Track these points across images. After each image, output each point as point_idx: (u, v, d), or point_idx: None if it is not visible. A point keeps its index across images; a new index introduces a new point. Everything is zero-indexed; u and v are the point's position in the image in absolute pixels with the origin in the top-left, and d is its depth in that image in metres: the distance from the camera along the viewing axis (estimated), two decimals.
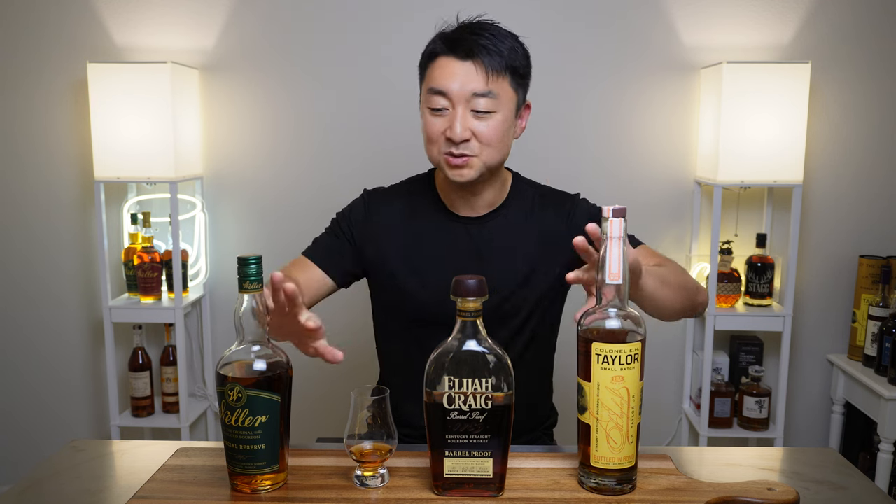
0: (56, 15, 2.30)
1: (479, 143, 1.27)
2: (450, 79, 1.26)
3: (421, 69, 1.34)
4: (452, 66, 1.26)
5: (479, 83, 1.25)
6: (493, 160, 1.30)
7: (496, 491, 0.98)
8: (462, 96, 1.25)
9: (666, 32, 2.28)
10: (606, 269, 0.97)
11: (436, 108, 1.28)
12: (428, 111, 1.29)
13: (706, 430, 2.22)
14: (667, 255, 1.31)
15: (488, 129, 1.27)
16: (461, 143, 1.26)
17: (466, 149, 1.27)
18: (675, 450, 1.15)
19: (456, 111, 1.26)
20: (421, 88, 1.35)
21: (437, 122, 1.28)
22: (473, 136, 1.26)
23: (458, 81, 1.26)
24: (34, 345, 2.47)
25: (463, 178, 1.29)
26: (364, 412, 1.00)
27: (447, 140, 1.27)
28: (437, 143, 1.29)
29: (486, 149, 1.28)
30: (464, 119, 1.26)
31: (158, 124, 2.10)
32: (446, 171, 1.30)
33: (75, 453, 1.14)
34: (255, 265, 0.96)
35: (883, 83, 2.28)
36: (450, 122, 1.26)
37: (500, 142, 1.29)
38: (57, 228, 2.41)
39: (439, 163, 1.31)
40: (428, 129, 1.30)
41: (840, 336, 2.39)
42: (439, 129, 1.28)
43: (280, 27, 2.30)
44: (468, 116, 1.26)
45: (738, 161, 2.10)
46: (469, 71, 1.26)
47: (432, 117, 1.29)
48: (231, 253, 2.40)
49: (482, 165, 1.29)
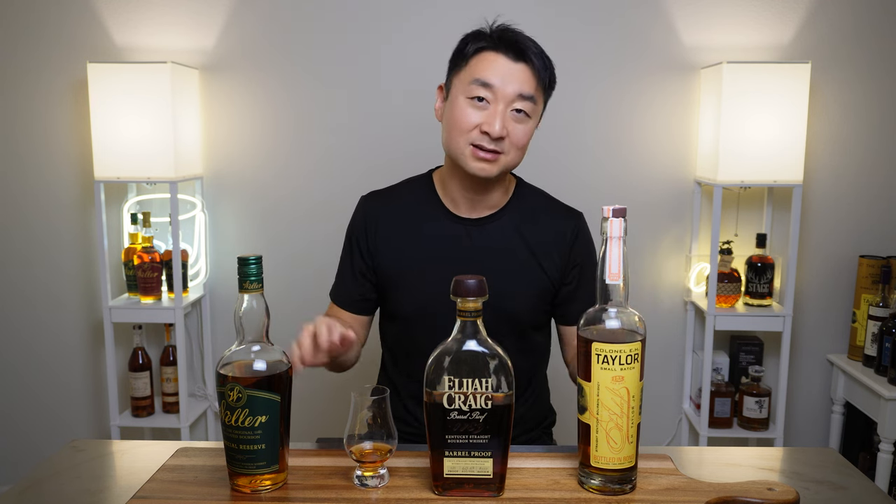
0: (56, 15, 2.30)
1: (510, 143, 1.28)
2: (500, 75, 1.26)
3: (461, 60, 1.32)
4: (503, 63, 1.27)
5: (528, 86, 1.27)
6: (514, 163, 1.32)
7: (496, 491, 0.98)
8: (508, 95, 1.26)
9: (666, 32, 2.28)
10: (606, 268, 0.97)
11: (477, 97, 1.27)
12: (465, 100, 1.28)
13: (706, 430, 2.22)
14: (666, 255, 1.32)
15: (522, 132, 1.29)
16: (497, 140, 1.27)
17: (499, 146, 1.28)
18: (675, 450, 1.15)
19: (497, 107, 1.27)
20: (451, 80, 1.33)
21: (473, 114, 1.28)
22: (507, 135, 1.28)
23: (507, 79, 1.26)
24: (34, 345, 2.47)
25: (485, 172, 1.29)
26: (364, 412, 1.00)
27: (482, 133, 1.27)
28: (466, 133, 1.28)
29: (513, 150, 1.30)
30: (504, 116, 1.27)
31: (158, 124, 2.10)
32: (469, 162, 1.29)
33: (75, 453, 1.15)
34: (255, 265, 0.97)
35: (883, 83, 2.28)
36: (489, 116, 1.27)
37: (525, 147, 1.32)
38: (57, 228, 2.41)
39: (462, 153, 1.29)
40: (461, 119, 1.28)
41: (840, 336, 2.39)
42: (475, 121, 1.28)
43: (280, 27, 2.30)
44: (508, 115, 1.27)
45: (738, 161, 2.10)
46: (521, 72, 1.27)
47: (469, 108, 1.28)
48: (231, 253, 2.40)
49: (505, 165, 1.30)
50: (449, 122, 1.31)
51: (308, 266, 2.38)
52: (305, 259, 2.38)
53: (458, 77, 1.31)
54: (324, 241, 2.33)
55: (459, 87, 1.30)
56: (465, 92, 1.28)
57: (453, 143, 1.30)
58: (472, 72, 1.29)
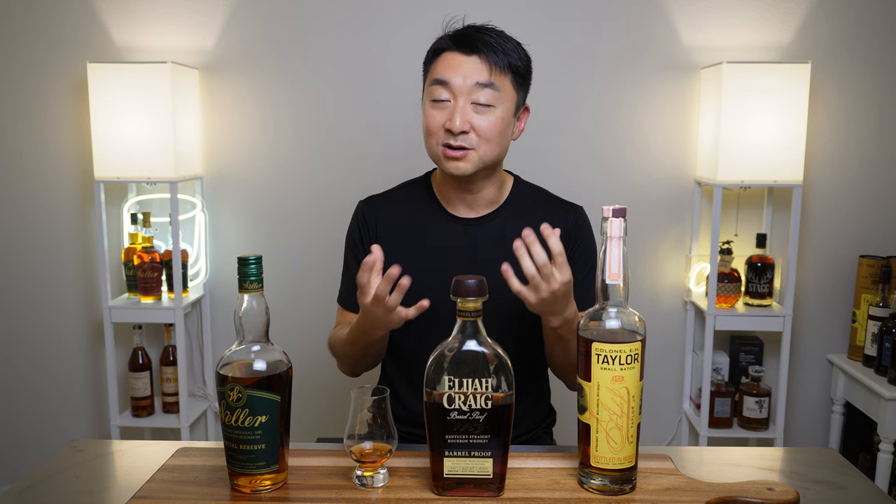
0: (56, 15, 2.30)
1: (477, 136, 1.29)
2: (453, 70, 1.28)
3: (425, 66, 1.36)
4: (457, 60, 1.29)
5: (482, 74, 1.28)
6: (490, 156, 1.31)
7: (496, 491, 0.98)
8: (464, 88, 1.27)
9: (666, 32, 2.28)
10: (606, 268, 0.97)
11: (437, 99, 1.29)
12: (429, 103, 1.31)
13: (706, 430, 2.22)
14: (667, 255, 1.31)
15: (488, 123, 1.28)
16: (459, 135, 1.28)
17: (465, 141, 1.28)
18: (675, 450, 1.15)
19: (457, 103, 1.28)
20: (424, 86, 1.36)
21: (437, 115, 1.30)
22: (472, 129, 1.28)
23: (461, 73, 1.28)
24: (34, 345, 2.47)
25: (459, 170, 1.30)
26: (364, 412, 1.00)
27: (446, 132, 1.28)
28: (435, 135, 1.30)
29: (483, 143, 1.29)
30: (464, 111, 1.27)
31: (158, 124, 2.10)
32: (443, 163, 1.31)
33: (75, 453, 1.14)
34: (255, 265, 0.97)
35: (883, 83, 2.28)
36: (450, 114, 1.28)
37: (498, 137, 1.30)
38: (57, 228, 2.41)
39: (437, 155, 1.32)
40: (428, 122, 1.31)
41: (840, 336, 2.39)
42: (439, 121, 1.29)
43: (280, 27, 2.30)
44: (468, 109, 1.28)
45: (738, 161, 2.10)
46: (473, 64, 1.28)
47: (433, 109, 1.30)
48: (231, 253, 2.40)
49: (479, 160, 1.30)
50: (423, 127, 1.34)
51: (308, 266, 2.38)
52: (305, 259, 2.38)
53: (425, 82, 1.35)
54: (324, 241, 2.33)
55: (425, 91, 1.34)
56: (429, 95, 1.32)
57: (428, 147, 1.33)
58: (431, 74, 1.32)
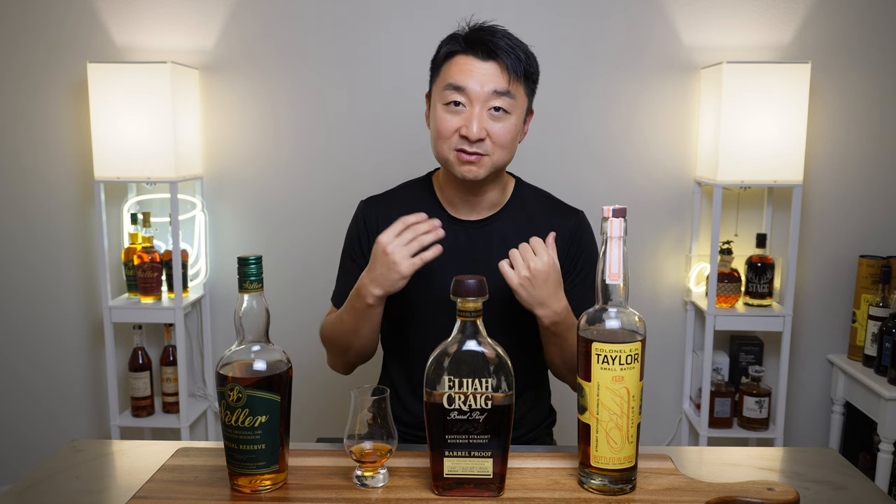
0: (56, 15, 2.30)
1: (492, 143, 1.28)
2: (470, 76, 1.27)
3: (435, 67, 1.34)
4: (473, 65, 1.27)
5: (500, 82, 1.27)
6: (502, 161, 1.31)
7: (496, 491, 0.98)
8: (481, 95, 1.26)
9: (666, 32, 2.28)
10: (606, 268, 0.97)
11: (452, 102, 1.28)
12: (442, 107, 1.29)
13: (706, 430, 2.22)
14: (667, 255, 1.31)
15: (502, 130, 1.28)
16: (476, 142, 1.27)
17: (480, 148, 1.28)
18: (675, 450, 1.15)
19: (473, 109, 1.27)
20: (431, 87, 1.35)
21: (451, 119, 1.28)
22: (488, 135, 1.28)
23: (478, 80, 1.26)
24: (34, 345, 2.47)
25: (473, 175, 1.29)
26: (364, 412, 1.00)
27: (461, 137, 1.28)
28: (448, 139, 1.29)
29: (497, 149, 1.29)
30: (481, 118, 1.27)
31: (158, 124, 2.10)
32: (456, 167, 1.30)
33: (75, 453, 1.14)
34: (255, 265, 0.97)
35: (883, 83, 2.28)
36: (466, 119, 1.27)
37: (511, 144, 1.31)
38: (57, 228, 2.41)
39: (448, 159, 1.31)
40: (440, 126, 1.29)
41: (840, 336, 2.39)
42: (453, 126, 1.28)
43: (280, 27, 2.30)
44: (485, 116, 1.27)
45: (738, 161, 2.10)
46: (491, 70, 1.27)
47: (446, 114, 1.29)
48: (231, 253, 2.40)
49: (491, 165, 1.30)
50: (432, 130, 1.33)
51: (308, 266, 2.38)
52: (305, 259, 2.38)
53: (436, 84, 1.33)
54: (324, 241, 2.33)
55: (437, 93, 1.32)
56: (442, 98, 1.30)
57: (438, 150, 1.32)
58: (445, 77, 1.30)
